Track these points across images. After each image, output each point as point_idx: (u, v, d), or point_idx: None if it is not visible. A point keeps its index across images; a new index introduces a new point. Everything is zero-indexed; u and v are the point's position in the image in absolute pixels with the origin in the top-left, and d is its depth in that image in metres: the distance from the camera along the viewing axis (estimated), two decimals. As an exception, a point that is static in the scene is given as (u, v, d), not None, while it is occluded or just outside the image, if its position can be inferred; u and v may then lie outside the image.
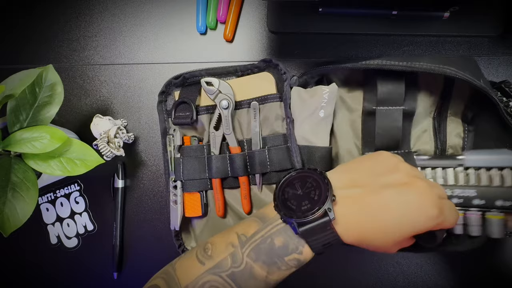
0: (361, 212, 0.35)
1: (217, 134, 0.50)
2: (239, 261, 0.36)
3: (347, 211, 0.35)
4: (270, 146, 0.49)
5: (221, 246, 0.38)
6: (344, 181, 0.37)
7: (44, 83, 0.46)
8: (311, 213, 0.34)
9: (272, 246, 0.36)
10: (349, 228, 0.35)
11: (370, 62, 0.42)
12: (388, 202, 0.35)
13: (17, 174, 0.44)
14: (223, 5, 0.54)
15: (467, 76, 0.39)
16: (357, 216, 0.35)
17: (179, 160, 0.51)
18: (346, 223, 0.35)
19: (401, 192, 0.35)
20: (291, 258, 0.36)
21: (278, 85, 0.50)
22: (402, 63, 0.41)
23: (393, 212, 0.34)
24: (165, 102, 0.53)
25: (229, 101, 0.49)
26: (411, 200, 0.34)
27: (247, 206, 0.50)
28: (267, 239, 0.36)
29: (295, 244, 0.36)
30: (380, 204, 0.35)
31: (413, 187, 0.35)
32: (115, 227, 0.55)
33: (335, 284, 0.54)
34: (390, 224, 0.35)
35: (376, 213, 0.35)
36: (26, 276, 0.58)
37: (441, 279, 0.52)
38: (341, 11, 0.51)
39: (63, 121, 0.57)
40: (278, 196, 0.37)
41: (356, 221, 0.35)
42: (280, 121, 0.49)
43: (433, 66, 0.40)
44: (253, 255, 0.36)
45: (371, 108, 0.47)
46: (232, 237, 0.38)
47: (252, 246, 0.37)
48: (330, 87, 0.46)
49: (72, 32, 0.57)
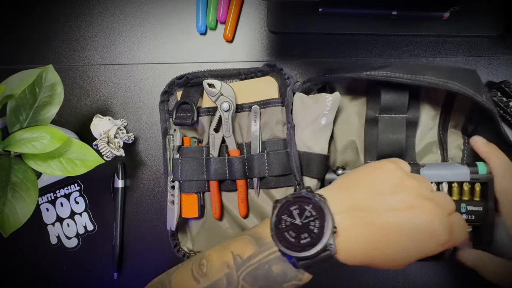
0: (365, 240, 0.33)
1: (217, 136, 0.50)
2: (234, 283, 0.35)
3: (350, 239, 0.33)
4: (269, 151, 0.49)
5: (217, 264, 0.37)
6: (344, 204, 0.34)
7: (44, 83, 0.46)
8: (311, 249, 0.32)
9: (270, 273, 0.35)
10: (352, 256, 0.33)
11: (375, 73, 0.42)
12: (393, 229, 0.32)
13: (17, 174, 0.44)
14: (223, 5, 0.54)
15: (470, 91, 0.38)
16: (360, 244, 0.33)
17: (177, 160, 0.51)
18: (349, 251, 0.33)
19: (408, 217, 0.32)
20: (289, 284, 0.35)
21: (281, 90, 0.50)
22: (407, 76, 0.40)
23: (400, 239, 0.32)
24: (167, 102, 0.53)
25: (230, 104, 0.49)
26: (419, 227, 0.32)
27: (243, 210, 0.50)
28: (264, 265, 0.35)
29: (294, 273, 0.35)
30: (385, 230, 0.32)
31: (421, 211, 0.32)
32: (115, 227, 0.55)
33: (335, 284, 0.54)
34: (396, 251, 0.33)
35: (380, 240, 0.33)
36: (26, 276, 0.58)
37: (441, 279, 0.52)
38: (341, 11, 0.51)
39: (63, 121, 0.57)
40: (275, 224, 0.34)
41: (360, 249, 0.33)
42: (281, 126, 0.49)
43: (437, 80, 0.39)
44: (249, 279, 0.35)
45: (374, 115, 0.47)
46: (228, 257, 0.37)
47: (248, 270, 0.35)
48: (334, 96, 0.46)
49: (72, 32, 0.57)
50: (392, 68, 0.42)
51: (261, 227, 0.37)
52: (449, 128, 0.48)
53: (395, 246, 0.33)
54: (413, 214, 0.33)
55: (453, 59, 0.53)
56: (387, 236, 0.32)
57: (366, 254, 0.33)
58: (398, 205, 0.33)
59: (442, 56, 0.53)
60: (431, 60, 0.53)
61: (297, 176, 0.46)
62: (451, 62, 0.53)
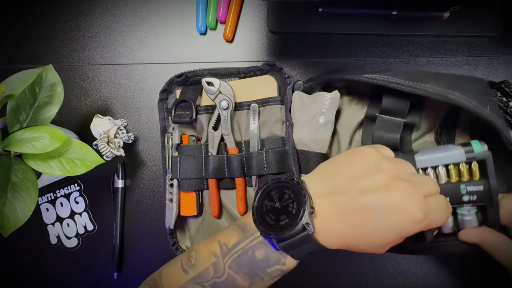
0: (342, 220, 0.34)
1: (216, 135, 0.50)
2: (220, 271, 0.36)
3: (327, 221, 0.34)
4: (268, 149, 0.49)
5: (204, 254, 0.38)
6: (323, 188, 0.35)
7: (44, 83, 0.46)
8: (289, 229, 0.33)
9: (253, 259, 0.36)
10: (330, 238, 0.34)
11: (375, 77, 0.42)
12: (368, 209, 0.33)
13: (17, 174, 0.44)
14: (223, 5, 0.54)
15: (472, 103, 0.37)
16: (337, 224, 0.34)
17: (176, 158, 0.51)
18: (327, 233, 0.34)
19: (382, 197, 0.33)
20: (273, 269, 0.36)
21: (280, 89, 0.50)
22: (407, 83, 0.40)
23: (374, 219, 0.33)
24: (166, 100, 0.53)
25: (229, 102, 0.49)
26: (392, 205, 0.33)
27: (242, 208, 0.50)
28: (247, 251, 0.36)
29: (277, 256, 0.36)
30: (360, 211, 0.33)
31: (395, 190, 0.33)
32: (115, 227, 0.55)
33: (335, 283, 0.54)
34: (372, 231, 0.33)
35: (356, 220, 0.33)
36: (26, 276, 0.58)
37: (441, 279, 0.52)
38: (341, 11, 0.51)
39: (63, 121, 0.57)
40: (256, 209, 0.36)
41: (337, 230, 0.34)
42: (280, 124, 0.49)
43: (438, 90, 0.38)
44: (234, 266, 0.36)
45: (374, 114, 0.47)
46: (215, 246, 0.38)
47: (233, 257, 0.36)
48: (332, 94, 0.46)
49: (72, 32, 0.57)
50: (394, 73, 0.42)
51: (247, 216, 0.38)
52: (457, 133, 0.48)
53: (370, 225, 0.33)
54: (386, 193, 0.33)
55: (453, 59, 0.53)
56: (362, 216, 0.33)
57: (344, 235, 0.34)
58: (373, 186, 0.33)
59: (442, 56, 0.53)
60: (431, 60, 0.53)
61: (295, 175, 0.46)
62: (451, 62, 0.53)
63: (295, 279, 0.54)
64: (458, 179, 0.42)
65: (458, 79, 0.42)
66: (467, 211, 0.41)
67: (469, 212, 0.41)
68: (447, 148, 0.42)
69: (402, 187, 0.33)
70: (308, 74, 0.54)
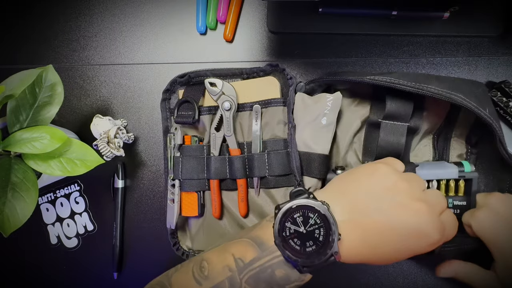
0: (361, 240, 0.35)
1: (218, 135, 0.50)
2: (237, 286, 0.36)
3: (348, 241, 0.35)
4: (270, 150, 0.49)
5: (218, 267, 0.37)
6: (343, 209, 0.35)
7: (44, 83, 0.46)
8: (318, 258, 0.33)
9: (273, 276, 0.35)
10: (350, 257, 0.35)
11: (379, 78, 0.42)
12: (386, 230, 0.34)
13: (17, 174, 0.44)
14: (223, 5, 0.54)
15: (473, 104, 0.39)
16: (357, 245, 0.35)
17: (178, 159, 0.51)
18: (348, 254, 0.35)
19: (400, 219, 0.34)
20: (292, 286, 0.36)
21: (283, 90, 0.50)
22: (411, 84, 0.40)
23: (394, 241, 0.34)
24: (169, 100, 0.53)
25: (232, 103, 0.49)
26: (410, 228, 0.34)
27: (243, 209, 0.50)
28: (267, 269, 0.35)
29: (298, 275, 0.36)
30: (379, 232, 0.34)
31: (413, 213, 0.34)
32: (115, 227, 0.55)
33: (335, 283, 0.54)
34: (390, 251, 0.34)
35: (375, 241, 0.34)
36: (26, 276, 0.58)
37: (441, 279, 0.52)
38: (341, 11, 0.51)
39: (63, 121, 0.57)
40: (279, 232, 0.35)
41: (357, 251, 0.35)
42: (282, 125, 0.49)
43: (441, 91, 0.39)
44: (252, 282, 0.36)
45: (376, 120, 0.47)
46: (229, 260, 0.37)
47: (250, 273, 0.36)
48: (335, 95, 0.46)
49: (72, 32, 0.57)
50: (397, 75, 0.42)
51: (261, 230, 0.38)
52: (453, 137, 0.49)
53: (388, 246, 0.34)
54: (405, 215, 0.34)
55: (453, 59, 0.53)
56: (381, 237, 0.34)
57: (362, 253, 0.35)
58: (391, 207, 0.34)
59: (442, 56, 0.53)
60: (431, 60, 0.53)
61: (297, 177, 0.46)
62: (451, 62, 0.53)
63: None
64: (446, 194, 0.46)
65: (458, 82, 0.43)
66: None
67: None
68: (443, 165, 0.46)
69: (419, 209, 0.34)
70: (308, 74, 0.54)
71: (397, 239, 0.34)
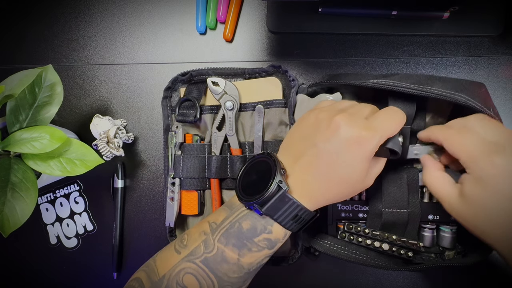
0: (314, 176, 0.37)
1: (219, 135, 0.50)
2: (210, 246, 0.38)
3: (299, 180, 0.37)
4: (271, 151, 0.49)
5: (195, 235, 0.40)
6: (288, 160, 0.39)
7: (43, 83, 0.46)
8: (266, 190, 0.36)
9: (241, 230, 0.38)
10: (306, 194, 0.37)
11: (381, 82, 0.42)
12: (328, 155, 0.36)
13: (17, 174, 0.44)
14: (223, 5, 0.54)
15: (478, 104, 0.39)
16: (312, 181, 0.37)
17: (179, 157, 0.51)
18: (302, 190, 0.37)
19: (329, 139, 0.36)
20: (260, 238, 0.38)
21: (284, 91, 0.50)
22: (414, 86, 0.40)
23: (338, 161, 0.36)
24: (170, 98, 0.53)
25: (234, 103, 0.49)
26: (342, 140, 0.35)
27: (244, 208, 0.50)
28: (235, 223, 0.38)
29: (262, 224, 0.38)
30: (324, 161, 0.36)
31: (334, 126, 0.36)
32: (114, 227, 0.55)
33: (335, 283, 0.54)
34: (343, 171, 0.36)
35: (325, 170, 0.36)
36: (26, 276, 0.58)
37: (442, 278, 0.52)
38: (341, 11, 0.51)
39: (63, 121, 0.57)
40: (238, 187, 0.40)
41: (314, 187, 0.37)
42: (284, 126, 0.49)
43: (445, 91, 0.39)
44: (223, 240, 0.38)
45: None
46: (205, 226, 0.40)
47: (222, 231, 0.39)
48: (335, 96, 0.46)
49: (71, 32, 0.57)
50: (400, 78, 0.42)
51: (233, 196, 0.42)
52: None
53: (339, 167, 0.36)
54: (332, 133, 0.36)
55: (453, 59, 0.53)
56: (328, 164, 0.36)
57: (320, 188, 0.37)
58: (319, 136, 0.37)
59: (442, 56, 0.53)
60: (431, 60, 0.53)
61: None
62: (451, 62, 0.53)
63: (295, 279, 0.54)
64: None
65: (461, 82, 0.43)
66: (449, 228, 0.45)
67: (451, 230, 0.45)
68: None
69: (338, 119, 0.36)
70: (308, 74, 0.54)
71: (339, 157, 0.36)
